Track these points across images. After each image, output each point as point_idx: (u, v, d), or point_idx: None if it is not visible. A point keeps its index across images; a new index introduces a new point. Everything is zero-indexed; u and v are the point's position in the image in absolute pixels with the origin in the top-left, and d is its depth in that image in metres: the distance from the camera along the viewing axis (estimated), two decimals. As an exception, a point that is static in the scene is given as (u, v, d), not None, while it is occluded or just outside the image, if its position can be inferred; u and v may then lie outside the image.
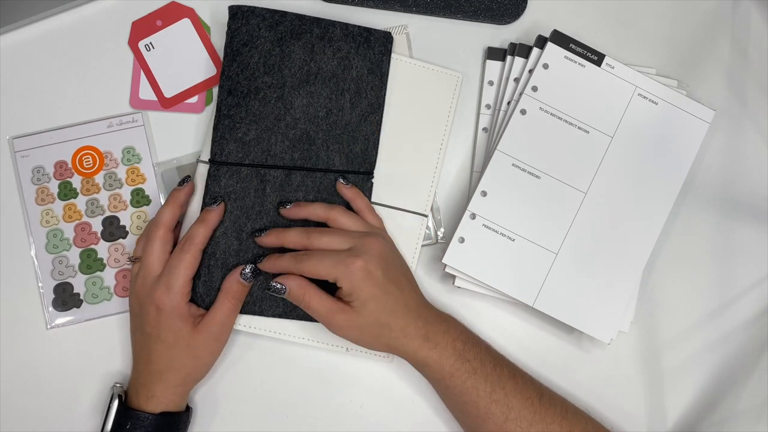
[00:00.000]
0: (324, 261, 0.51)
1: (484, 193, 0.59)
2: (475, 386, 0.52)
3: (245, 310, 0.56)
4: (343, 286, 0.51)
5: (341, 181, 0.58)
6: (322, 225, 0.56)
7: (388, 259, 0.53)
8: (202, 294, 0.56)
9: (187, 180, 0.57)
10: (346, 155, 0.58)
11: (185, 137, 0.61)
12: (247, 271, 0.55)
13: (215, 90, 0.61)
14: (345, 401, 0.60)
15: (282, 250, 0.55)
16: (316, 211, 0.56)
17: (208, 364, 0.56)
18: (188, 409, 0.57)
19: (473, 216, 0.59)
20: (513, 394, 0.53)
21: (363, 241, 0.53)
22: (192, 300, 0.55)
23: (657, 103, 0.61)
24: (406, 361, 0.54)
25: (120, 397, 0.54)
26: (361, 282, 0.51)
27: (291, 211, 0.56)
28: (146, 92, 0.61)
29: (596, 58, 0.61)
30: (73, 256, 0.60)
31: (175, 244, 0.55)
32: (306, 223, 0.57)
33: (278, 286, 0.53)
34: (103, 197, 0.60)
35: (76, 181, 0.60)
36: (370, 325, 0.52)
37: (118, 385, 0.56)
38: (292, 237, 0.54)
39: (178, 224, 0.57)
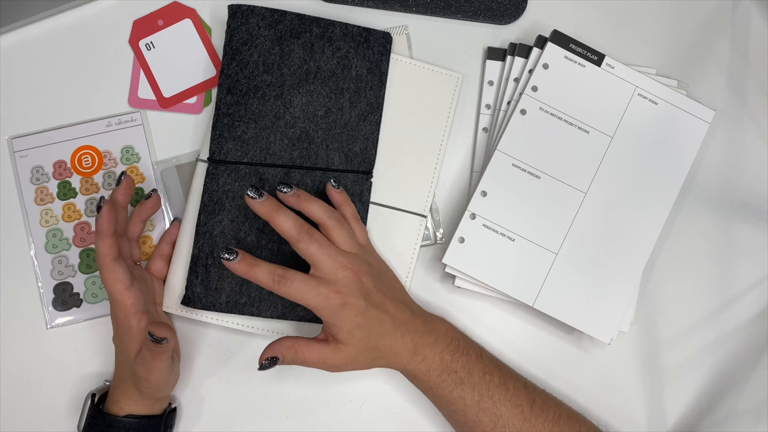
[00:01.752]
0: (303, 287, 0.49)
1: (484, 193, 0.59)
2: (461, 396, 0.53)
3: (244, 311, 0.56)
4: (326, 319, 0.50)
5: (332, 183, 0.55)
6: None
7: (368, 285, 0.51)
8: (200, 294, 0.55)
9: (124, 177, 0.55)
10: (345, 154, 0.58)
11: (184, 136, 0.61)
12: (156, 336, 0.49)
13: (214, 91, 0.61)
14: (345, 401, 0.59)
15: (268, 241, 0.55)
16: (314, 210, 0.52)
17: (158, 387, 0.53)
18: (172, 411, 0.57)
19: (473, 216, 0.58)
20: (502, 402, 0.53)
21: (346, 268, 0.51)
22: (190, 300, 0.55)
23: (657, 103, 0.61)
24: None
25: (93, 396, 0.54)
26: (344, 314, 0.49)
27: (290, 198, 0.52)
28: (145, 91, 0.61)
29: (596, 58, 0.61)
30: (73, 255, 0.60)
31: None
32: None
33: (267, 362, 0.50)
34: (103, 197, 0.60)
35: (76, 181, 0.60)
36: (361, 352, 0.51)
37: (107, 382, 0.56)
38: (263, 270, 0.49)
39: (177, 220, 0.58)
